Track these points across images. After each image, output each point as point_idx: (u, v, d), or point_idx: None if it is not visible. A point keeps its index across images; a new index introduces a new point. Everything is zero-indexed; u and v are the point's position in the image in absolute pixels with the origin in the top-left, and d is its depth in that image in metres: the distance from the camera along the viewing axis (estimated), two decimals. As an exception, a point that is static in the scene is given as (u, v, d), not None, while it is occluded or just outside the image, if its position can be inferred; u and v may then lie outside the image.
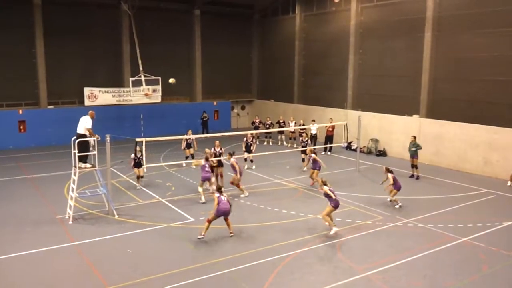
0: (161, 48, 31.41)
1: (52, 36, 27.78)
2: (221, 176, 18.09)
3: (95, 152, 14.87)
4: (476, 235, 13.29)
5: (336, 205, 13.27)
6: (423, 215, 15.05)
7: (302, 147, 21.77)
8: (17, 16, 27.12)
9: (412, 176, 20.22)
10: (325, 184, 13.52)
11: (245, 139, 21.48)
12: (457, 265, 11.40)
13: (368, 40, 26.70)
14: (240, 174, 16.97)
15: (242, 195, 17.02)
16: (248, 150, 21.26)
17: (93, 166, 14.98)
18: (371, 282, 10.48)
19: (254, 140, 21.68)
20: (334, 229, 13.21)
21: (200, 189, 16.40)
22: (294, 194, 17.79)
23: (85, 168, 14.98)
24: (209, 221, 12.82)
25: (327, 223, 13.38)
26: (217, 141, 18.72)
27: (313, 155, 18.54)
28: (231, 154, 17.25)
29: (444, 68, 22.70)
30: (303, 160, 21.45)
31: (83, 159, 14.84)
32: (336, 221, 14.36)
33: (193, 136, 21.90)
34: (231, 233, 13.11)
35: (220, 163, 18.12)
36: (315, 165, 18.28)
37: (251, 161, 21.75)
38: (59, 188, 18.16)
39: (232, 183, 17.08)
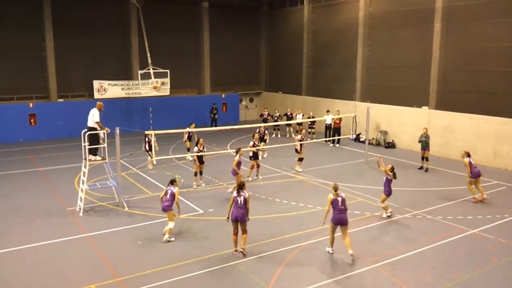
0: (169, 40, 31.44)
1: (61, 29, 27.94)
2: (258, 166, 18.57)
3: (105, 145, 14.99)
4: (485, 227, 13.25)
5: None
6: (432, 207, 15.02)
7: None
8: (27, 10, 27.27)
9: (421, 167, 20.15)
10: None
11: (257, 130, 21.70)
12: (466, 257, 11.39)
13: (377, 31, 26.51)
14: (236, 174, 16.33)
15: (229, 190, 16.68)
16: (263, 141, 21.27)
17: (103, 158, 15.10)
18: (379, 274, 10.51)
19: (266, 131, 22.13)
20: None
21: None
22: (302, 186, 17.82)
23: (95, 160, 15.11)
24: (235, 233, 11.50)
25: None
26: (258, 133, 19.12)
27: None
28: (240, 149, 17.24)
29: (454, 59, 22.50)
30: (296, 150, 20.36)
31: (93, 152, 14.97)
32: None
33: (195, 130, 21.87)
34: (242, 249, 11.43)
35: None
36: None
37: (263, 151, 21.80)
38: (70, 180, 18.34)
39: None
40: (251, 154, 18.32)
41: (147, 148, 19.75)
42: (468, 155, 15.88)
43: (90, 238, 12.63)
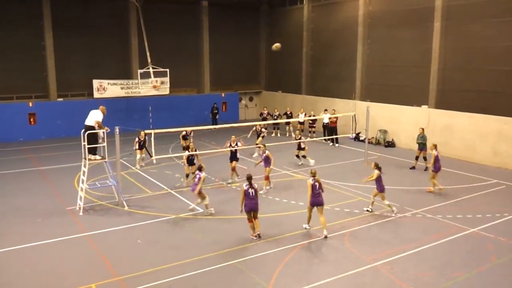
0: (169, 40, 31.44)
1: (60, 28, 27.93)
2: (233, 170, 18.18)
3: (105, 144, 14.99)
4: (485, 226, 13.27)
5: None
6: (432, 206, 15.04)
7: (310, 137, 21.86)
8: (26, 9, 27.24)
9: (413, 167, 20.05)
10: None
11: (254, 128, 22.19)
12: (465, 256, 11.41)
13: (377, 30, 26.51)
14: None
15: (266, 188, 16.85)
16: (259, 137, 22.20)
17: (103, 158, 15.11)
18: (379, 272, 10.52)
19: (263, 130, 22.45)
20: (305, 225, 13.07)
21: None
22: (302, 184, 17.80)
23: (95, 160, 15.11)
24: (250, 220, 12.35)
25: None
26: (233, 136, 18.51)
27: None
28: (265, 146, 17.34)
29: (453, 58, 22.50)
30: (297, 156, 20.80)
31: (92, 151, 14.96)
32: (344, 212, 14.44)
33: (189, 129, 21.90)
34: (253, 235, 12.40)
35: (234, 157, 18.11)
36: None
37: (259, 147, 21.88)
38: (69, 179, 18.35)
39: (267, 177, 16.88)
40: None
41: (137, 147, 20.19)
42: (436, 148, 16.79)
43: (90, 237, 12.64)
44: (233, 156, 18.04)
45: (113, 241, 12.45)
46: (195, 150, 17.74)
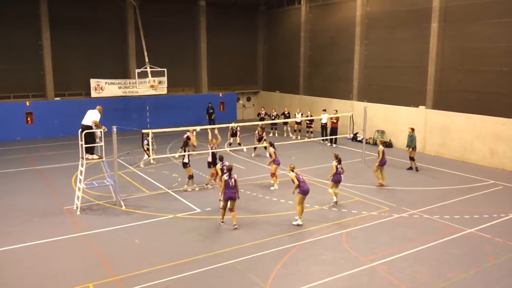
0: (166, 39, 31.40)
1: (58, 28, 27.85)
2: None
3: (102, 144, 14.97)
4: (482, 226, 13.30)
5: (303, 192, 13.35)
6: (429, 206, 15.07)
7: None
8: (24, 9, 27.16)
9: (410, 168, 20.11)
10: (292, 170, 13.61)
11: (256, 132, 23.01)
12: (462, 256, 11.43)
13: (374, 30, 26.55)
14: (278, 164, 17.21)
15: (272, 188, 17.10)
16: (260, 141, 22.70)
17: (100, 157, 15.08)
18: (376, 273, 10.53)
19: (264, 133, 22.99)
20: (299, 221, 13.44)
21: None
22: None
23: (92, 159, 15.08)
24: (223, 208, 13.27)
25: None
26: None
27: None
28: (271, 144, 17.59)
29: (451, 58, 22.55)
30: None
31: (90, 151, 14.93)
32: (342, 212, 14.46)
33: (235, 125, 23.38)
34: (234, 225, 13.14)
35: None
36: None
37: (254, 148, 22.95)
38: (67, 179, 18.31)
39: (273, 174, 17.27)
40: (210, 160, 16.93)
41: (146, 147, 19.72)
42: (383, 144, 17.85)
43: (87, 236, 12.61)
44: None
45: (111, 240, 12.43)
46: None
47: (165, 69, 28.61)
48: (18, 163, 21.10)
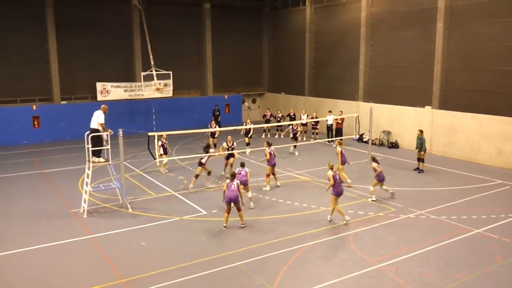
0: (171, 42, 31.51)
1: (64, 32, 28.02)
2: (231, 165, 18.87)
3: (108, 147, 15.03)
4: (489, 227, 13.22)
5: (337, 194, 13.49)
6: (436, 207, 14.99)
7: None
8: (30, 13, 27.32)
9: (417, 169, 20.00)
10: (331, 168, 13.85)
11: (290, 127, 24.03)
12: (470, 257, 11.36)
13: (379, 31, 26.49)
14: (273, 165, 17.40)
15: (264, 188, 17.20)
16: (295, 138, 23.64)
17: (107, 160, 15.14)
18: (384, 274, 10.49)
19: (299, 128, 24.21)
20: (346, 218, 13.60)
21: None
22: (306, 186, 17.81)
23: (99, 162, 15.14)
24: (227, 212, 13.30)
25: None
26: (229, 136, 19.32)
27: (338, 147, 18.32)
28: (269, 144, 17.73)
29: (457, 58, 22.46)
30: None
31: (96, 154, 14.99)
32: (348, 213, 14.40)
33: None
34: (242, 223, 13.31)
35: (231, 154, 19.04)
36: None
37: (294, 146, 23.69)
38: (73, 182, 18.39)
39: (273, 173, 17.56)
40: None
41: (162, 152, 19.36)
42: (340, 145, 18.19)
43: (94, 239, 12.65)
44: (230, 155, 18.97)
45: (117, 243, 12.47)
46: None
47: (171, 72, 28.72)
48: (25, 167, 21.22)
